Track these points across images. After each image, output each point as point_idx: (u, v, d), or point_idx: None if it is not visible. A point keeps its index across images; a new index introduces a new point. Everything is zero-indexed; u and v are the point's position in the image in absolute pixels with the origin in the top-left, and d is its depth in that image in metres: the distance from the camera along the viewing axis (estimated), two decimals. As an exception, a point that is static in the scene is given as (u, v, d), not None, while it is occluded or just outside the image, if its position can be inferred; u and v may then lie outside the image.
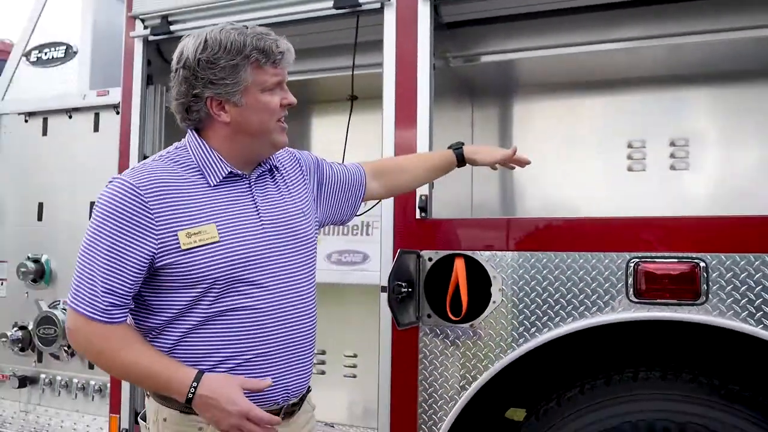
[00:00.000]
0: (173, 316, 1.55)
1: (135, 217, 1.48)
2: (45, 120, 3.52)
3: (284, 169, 1.80)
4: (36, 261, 3.47)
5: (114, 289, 1.48)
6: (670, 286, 2.07)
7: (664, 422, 2.07)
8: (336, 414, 3.14)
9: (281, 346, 1.62)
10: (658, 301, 2.08)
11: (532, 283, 2.21)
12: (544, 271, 2.20)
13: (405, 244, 2.37)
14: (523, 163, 2.20)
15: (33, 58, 3.60)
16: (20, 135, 3.59)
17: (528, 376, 2.39)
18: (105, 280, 1.48)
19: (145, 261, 1.49)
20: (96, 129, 3.35)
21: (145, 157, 2.99)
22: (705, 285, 2.03)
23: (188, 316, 1.55)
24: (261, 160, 1.71)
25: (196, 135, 1.63)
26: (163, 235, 1.50)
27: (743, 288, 2.00)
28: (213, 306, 1.54)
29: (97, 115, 3.35)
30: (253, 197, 1.64)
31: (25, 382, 3.46)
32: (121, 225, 1.47)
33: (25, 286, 3.50)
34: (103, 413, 3.14)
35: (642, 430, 2.09)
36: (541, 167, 3.04)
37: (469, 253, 2.29)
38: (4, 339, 3.45)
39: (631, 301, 2.10)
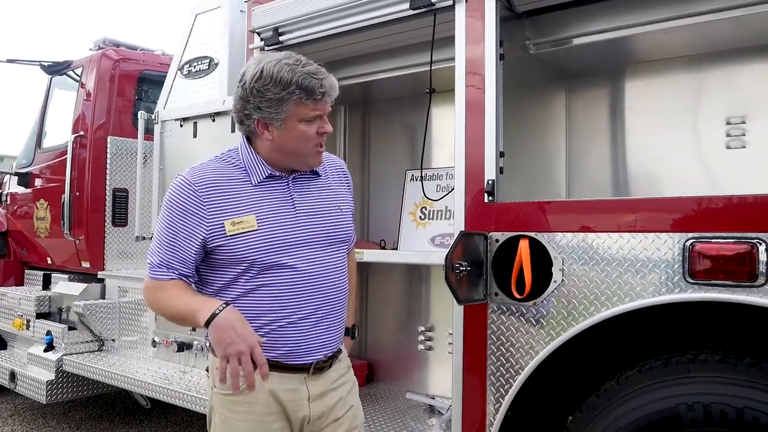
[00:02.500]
0: (221, 287, 1.91)
1: (191, 208, 1.84)
2: (195, 124, 4.11)
3: (327, 171, 2.07)
4: (189, 245, 4.07)
5: (172, 263, 1.87)
6: (725, 266, 2.02)
7: (721, 406, 2.04)
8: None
9: (310, 317, 1.92)
10: (714, 282, 2.04)
11: (591, 263, 2.26)
12: (602, 252, 2.24)
13: (475, 226, 2.52)
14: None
15: (185, 71, 4.21)
16: (177, 137, 4.24)
17: (589, 356, 2.43)
18: (167, 257, 1.87)
19: (198, 243, 1.85)
20: (233, 130, 3.84)
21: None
22: (765, 264, 1.97)
23: (232, 289, 1.89)
24: (300, 170, 1.99)
25: (246, 142, 1.95)
26: (213, 223, 1.84)
27: (805, 269, 1.91)
28: (252, 281, 1.87)
29: (233, 118, 3.83)
30: (290, 193, 1.94)
31: (182, 347, 4.09)
32: (180, 214, 1.85)
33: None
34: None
35: (698, 412, 2.07)
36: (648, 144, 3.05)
37: (532, 234, 2.39)
38: (166, 310, 4.09)
39: (687, 282, 2.09)
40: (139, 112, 4.47)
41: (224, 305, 1.76)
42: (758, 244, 1.97)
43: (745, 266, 1.99)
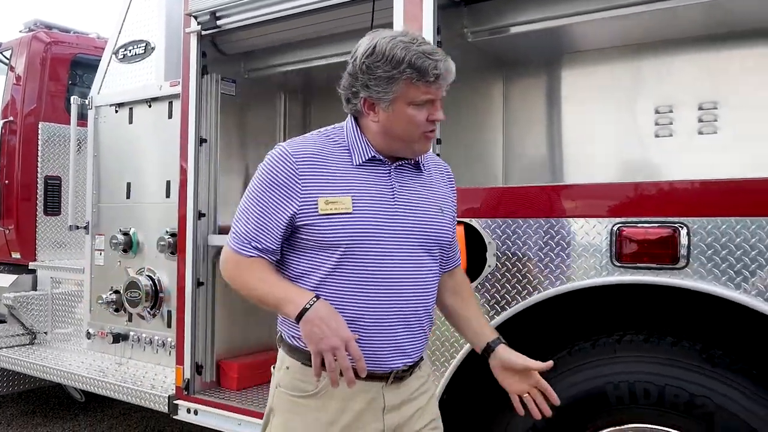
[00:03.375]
0: (301, 273, 1.75)
1: (285, 179, 1.70)
2: (131, 110, 4.01)
3: (431, 171, 1.89)
4: (125, 234, 3.98)
5: (258, 236, 1.72)
6: (649, 250, 2.10)
7: (644, 384, 2.12)
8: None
9: (392, 317, 1.74)
10: (639, 265, 2.11)
11: (524, 248, 2.31)
12: (534, 237, 2.29)
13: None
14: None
15: (120, 55, 4.09)
16: (112, 123, 4.12)
17: (522, 338, 2.48)
18: (253, 227, 1.72)
19: (288, 217, 1.70)
20: (170, 116, 3.77)
21: (202, 140, 3.38)
22: (686, 249, 2.05)
23: (314, 277, 1.73)
24: (404, 157, 1.81)
25: (353, 121, 1.80)
26: (306, 199, 1.69)
27: (724, 252, 2.00)
28: (336, 270, 1.70)
29: (170, 104, 3.76)
30: (391, 181, 1.77)
31: (118, 338, 4.00)
32: (273, 184, 1.70)
33: (118, 256, 4.03)
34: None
35: (623, 390, 2.15)
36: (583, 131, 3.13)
37: (467, 220, 2.42)
38: (101, 300, 4.00)
39: (615, 265, 2.15)
40: (72, 98, 4.32)
41: (315, 298, 1.65)
42: (680, 228, 2.05)
43: (668, 249, 2.06)
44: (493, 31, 3.00)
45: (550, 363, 1.87)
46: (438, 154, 2.54)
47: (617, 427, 2.20)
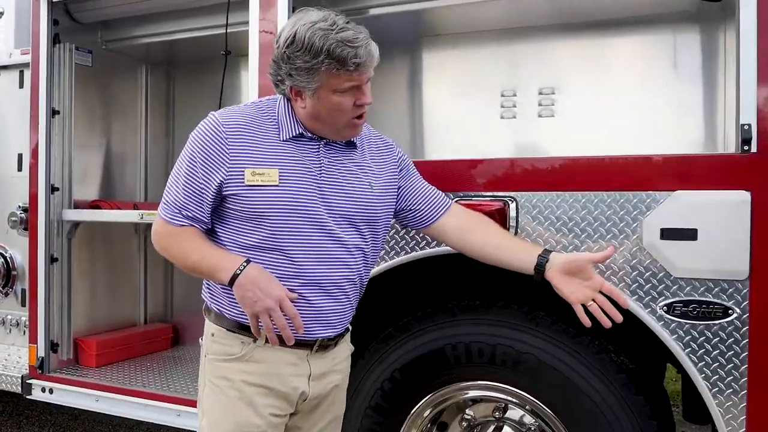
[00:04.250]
0: (228, 243, 1.76)
1: (214, 148, 1.70)
2: (-22, 78, 3.77)
3: (364, 148, 1.90)
4: (-28, 209, 3.76)
5: (187, 204, 1.73)
6: (481, 221, 2.28)
7: (478, 344, 2.32)
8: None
9: (315, 290, 1.77)
10: (474, 235, 2.29)
11: (373, 220, 2.44)
12: (383, 210, 2.43)
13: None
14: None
15: (-35, 19, 3.83)
16: (-43, 92, 3.85)
17: (378, 305, 2.63)
18: (183, 196, 1.73)
19: (215, 185, 1.71)
20: (21, 85, 3.59)
21: (55, 111, 3.26)
22: (515, 220, 2.25)
23: (239, 246, 1.74)
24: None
25: (286, 100, 1.80)
26: (233, 169, 1.70)
27: (546, 223, 2.22)
28: (262, 243, 1.73)
29: (21, 73, 3.59)
30: (319, 157, 1.78)
31: (-28, 320, 3.79)
32: (202, 152, 1.71)
33: (-35, 232, 3.81)
34: (31, 346, 3.45)
35: (459, 350, 2.34)
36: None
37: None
38: (-53, 280, 3.77)
39: (453, 235, 2.33)
40: None
41: (246, 262, 1.68)
42: (510, 202, 2.25)
43: (500, 220, 2.25)
44: (351, 13, 3.09)
45: (611, 248, 1.83)
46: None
47: (456, 384, 2.40)
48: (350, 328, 1.96)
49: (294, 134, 1.77)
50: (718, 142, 2.73)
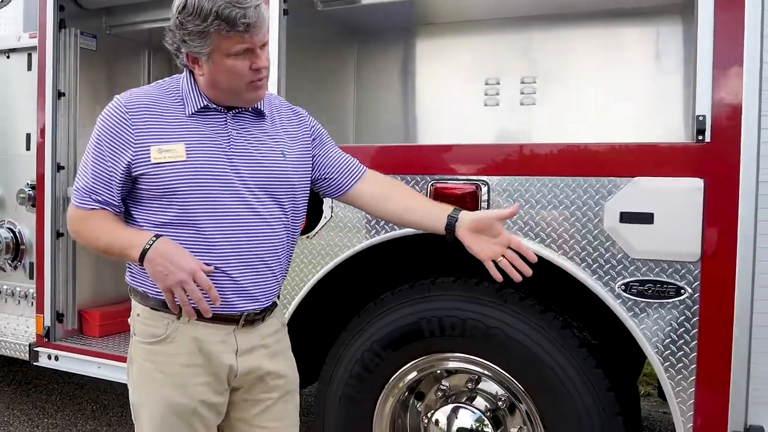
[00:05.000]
0: (143, 222, 1.76)
1: (118, 130, 1.71)
2: (-12, 60, 3.93)
3: (275, 117, 1.89)
4: (-18, 187, 3.94)
5: (97, 188, 1.74)
6: (457, 203, 2.40)
7: (451, 318, 2.47)
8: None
9: (233, 263, 1.75)
10: (449, 216, 2.44)
11: (355, 201, 2.59)
12: (365, 192, 2.57)
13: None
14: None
15: (-24, 3, 3.98)
16: (-32, 74, 4.02)
17: (357, 281, 2.79)
18: (92, 180, 1.74)
19: (123, 167, 1.71)
20: (29, 68, 3.74)
21: (60, 93, 3.42)
22: (486, 202, 2.39)
23: (154, 225, 1.74)
24: (239, 106, 1.81)
25: (188, 72, 1.79)
26: (139, 148, 1.70)
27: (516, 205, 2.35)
28: (177, 219, 1.72)
29: (29, 55, 3.73)
30: (228, 130, 1.77)
31: (-26, 293, 3.99)
32: (107, 135, 1.72)
33: (-25, 209, 3.99)
34: (39, 316, 3.64)
35: (433, 324, 2.49)
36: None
37: (307, 176, 2.67)
38: (-41, 253, 3.96)
39: (429, 217, 2.47)
40: (-76, 45, 4.16)
41: (154, 237, 1.67)
42: (482, 185, 2.39)
43: (472, 203, 2.40)
44: (344, 2, 3.21)
45: (515, 206, 1.89)
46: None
47: (431, 356, 2.56)
48: (278, 303, 1.94)
49: (199, 107, 1.75)
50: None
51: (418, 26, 3.55)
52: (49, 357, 3.43)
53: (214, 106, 1.77)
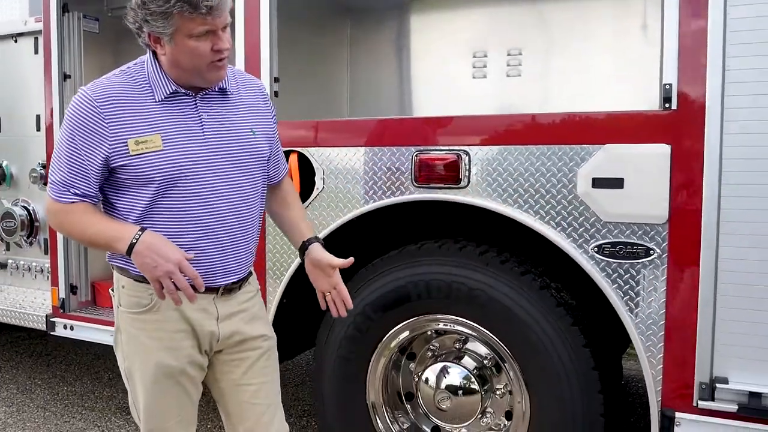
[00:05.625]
0: (127, 210, 1.82)
1: (92, 125, 1.74)
2: (-4, 45, 4.09)
3: (240, 93, 1.94)
4: (-1, 166, 4.13)
5: (75, 182, 1.77)
6: (439, 173, 2.55)
7: (437, 282, 2.61)
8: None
9: (218, 241, 1.85)
10: (432, 185, 2.57)
11: (344, 172, 2.72)
12: (353, 163, 2.70)
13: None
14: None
15: (-16, -11, 4.13)
16: (-22, 58, 4.18)
17: (345, 249, 2.92)
18: (68, 174, 1.77)
19: (100, 161, 1.75)
20: (36, 51, 3.89)
21: (66, 76, 3.56)
22: (467, 171, 2.51)
23: (139, 212, 1.80)
24: (203, 87, 1.84)
25: (151, 55, 1.80)
26: (115, 142, 1.74)
27: (495, 174, 2.47)
28: (158, 203, 1.79)
29: (36, 39, 3.88)
30: (198, 113, 1.82)
31: (-5, 266, 4.20)
32: (81, 130, 1.75)
33: (-9, 188, 4.18)
34: (54, 289, 3.84)
35: (420, 287, 2.63)
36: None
37: (299, 149, 2.80)
38: (-24, 231, 4.16)
39: (415, 185, 2.60)
40: (-65, 30, 4.32)
41: (140, 231, 1.73)
42: (463, 155, 2.51)
43: (454, 172, 2.52)
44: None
45: (350, 260, 2.01)
46: (276, 92, 2.89)
47: (420, 317, 2.70)
48: (252, 272, 2.05)
49: (168, 92, 1.79)
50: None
51: (411, 1, 3.65)
52: (65, 327, 3.62)
53: (183, 90, 1.80)
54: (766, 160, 2.11)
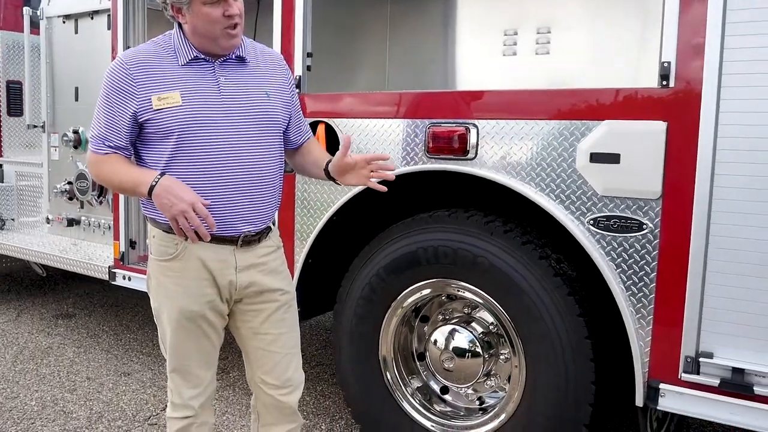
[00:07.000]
0: (153, 161, 2.05)
1: (122, 84, 2.00)
2: (76, 21, 4.50)
3: (258, 62, 2.17)
4: (75, 132, 4.56)
5: (108, 135, 2.03)
6: (448, 145, 2.69)
7: (444, 247, 2.76)
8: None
9: (231, 191, 2.05)
10: (442, 156, 2.71)
11: (365, 141, 2.90)
12: (375, 133, 2.88)
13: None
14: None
15: (66, -31, 4.54)
16: (60, 33, 4.62)
17: (363, 215, 3.11)
18: (104, 129, 2.03)
19: (129, 116, 2.00)
20: (108, 27, 4.25)
21: (128, 48, 3.89)
22: (475, 144, 2.64)
23: (159, 162, 2.03)
24: (222, 54, 2.08)
25: (177, 26, 2.08)
26: (141, 98, 1.99)
27: (501, 146, 2.59)
28: (179, 155, 2.01)
29: (108, 16, 4.24)
30: (216, 76, 2.06)
31: (72, 222, 4.65)
32: (113, 89, 2.02)
33: (70, 151, 4.62)
34: (118, 244, 4.23)
35: (429, 252, 2.79)
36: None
37: (327, 120, 3.00)
38: (56, 190, 4.62)
39: (428, 156, 2.75)
40: (24, 8, 4.79)
41: (159, 175, 1.95)
42: (470, 128, 2.64)
43: (462, 144, 2.65)
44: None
45: (347, 137, 2.19)
46: (309, 66, 3.10)
47: (426, 281, 2.86)
48: (272, 227, 2.23)
49: (190, 58, 2.04)
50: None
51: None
52: (124, 277, 4.00)
53: (203, 56, 2.05)
54: (761, 140, 2.14)
